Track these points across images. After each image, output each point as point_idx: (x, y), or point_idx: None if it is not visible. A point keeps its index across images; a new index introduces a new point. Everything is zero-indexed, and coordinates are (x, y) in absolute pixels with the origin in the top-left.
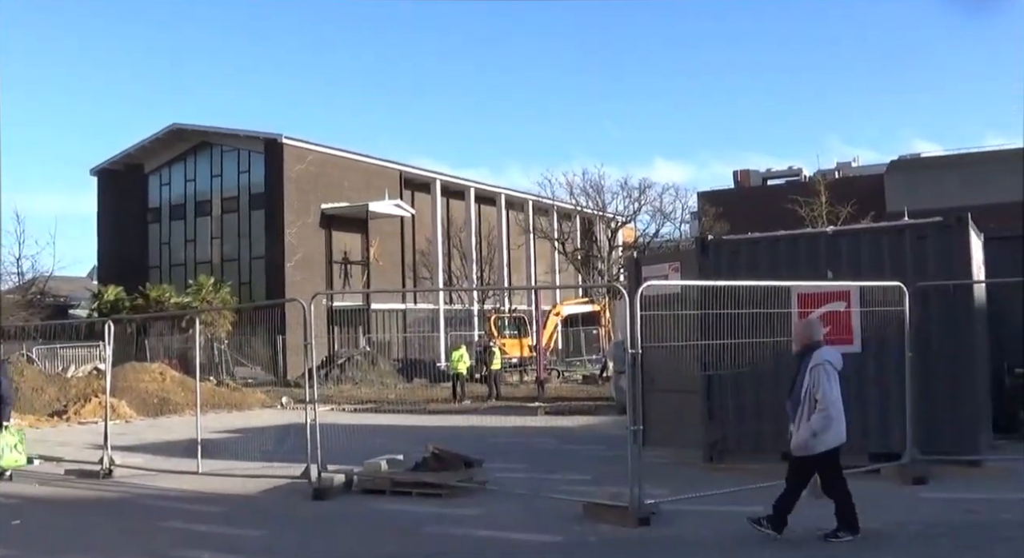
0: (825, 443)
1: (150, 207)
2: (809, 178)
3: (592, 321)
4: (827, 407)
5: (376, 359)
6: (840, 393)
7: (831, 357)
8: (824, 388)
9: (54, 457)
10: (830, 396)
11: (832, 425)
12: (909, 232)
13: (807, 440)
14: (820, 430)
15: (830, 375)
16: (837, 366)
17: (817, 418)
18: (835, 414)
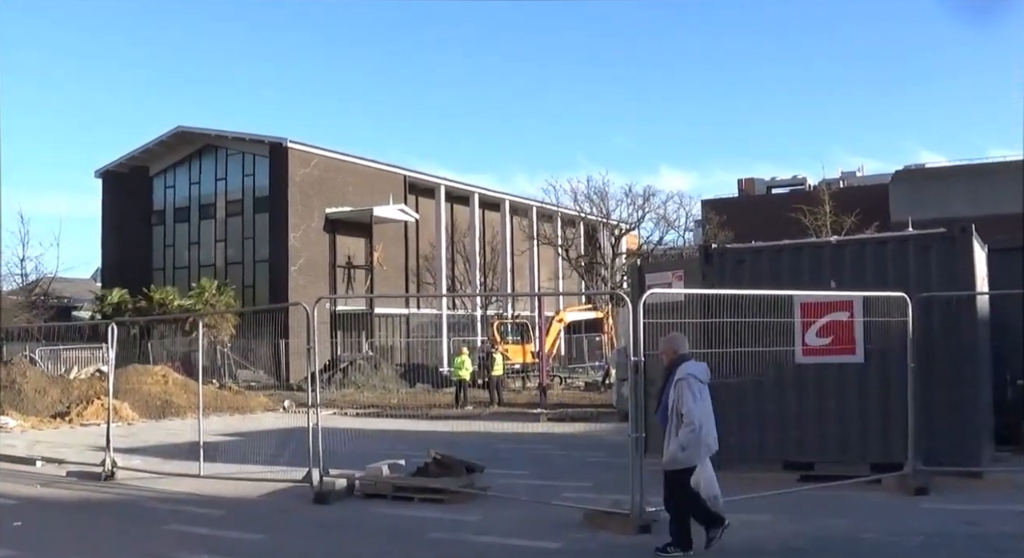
0: (695, 457)
1: (154, 210)
2: (813, 187)
3: (595, 328)
4: (692, 422)
5: (379, 364)
6: (710, 406)
7: (694, 371)
8: (688, 403)
9: (56, 459)
10: (694, 411)
11: (695, 438)
12: (913, 243)
13: (676, 454)
14: (688, 444)
15: (693, 389)
16: (702, 378)
17: (683, 433)
18: (696, 427)
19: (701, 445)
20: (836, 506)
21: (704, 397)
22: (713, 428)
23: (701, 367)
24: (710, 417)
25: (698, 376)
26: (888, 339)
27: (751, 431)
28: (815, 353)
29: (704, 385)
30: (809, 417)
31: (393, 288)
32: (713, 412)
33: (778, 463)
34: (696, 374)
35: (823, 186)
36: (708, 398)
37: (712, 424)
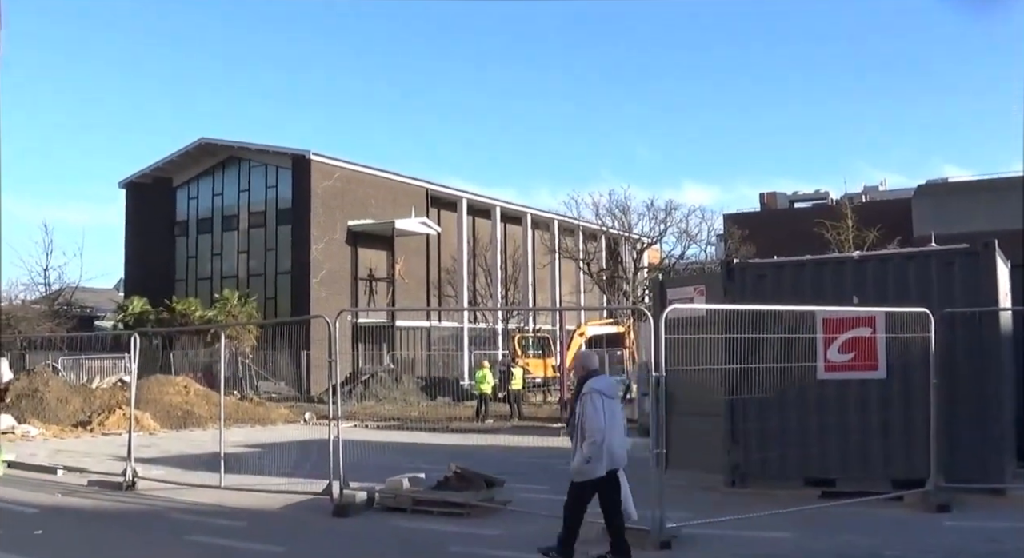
0: (598, 470)
1: (177, 220)
2: (836, 202)
3: (616, 342)
4: (593, 435)
5: (400, 376)
6: (618, 419)
7: (599, 385)
8: (590, 416)
9: (77, 468)
10: (596, 424)
11: (596, 452)
12: (936, 258)
13: (581, 466)
14: (591, 457)
15: (596, 403)
16: (608, 393)
17: (586, 446)
18: (597, 440)
19: (604, 457)
20: (858, 523)
21: (610, 411)
22: (620, 441)
23: (607, 382)
24: (616, 430)
25: (602, 391)
26: (910, 355)
27: (773, 447)
28: (837, 369)
29: (611, 399)
30: (831, 433)
31: (414, 301)
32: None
33: (799, 479)
34: (600, 389)
35: (845, 200)
36: (616, 412)
37: (618, 437)
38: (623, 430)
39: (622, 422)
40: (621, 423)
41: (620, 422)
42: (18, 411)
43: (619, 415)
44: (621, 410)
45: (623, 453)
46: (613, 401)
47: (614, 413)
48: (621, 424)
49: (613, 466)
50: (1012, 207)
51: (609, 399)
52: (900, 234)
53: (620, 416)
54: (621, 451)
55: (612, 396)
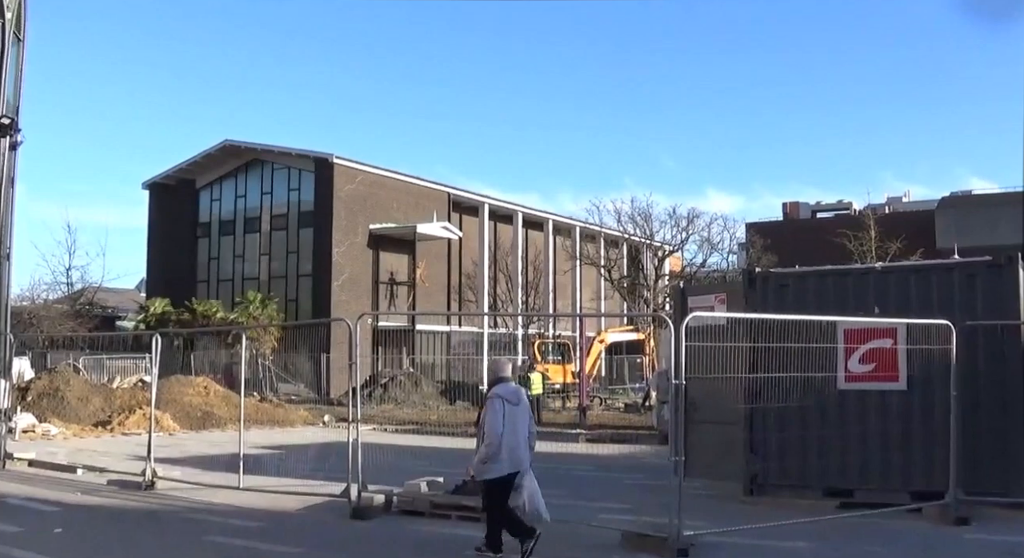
0: (495, 470)
1: (200, 222)
2: (859, 212)
3: (636, 349)
4: (490, 438)
5: (419, 380)
6: (520, 424)
7: (502, 391)
8: (489, 421)
9: (97, 467)
10: (494, 428)
11: (493, 454)
12: (958, 270)
13: (478, 467)
14: (486, 459)
15: (495, 408)
16: (511, 399)
17: (482, 449)
18: (494, 444)
19: (501, 460)
20: (877, 534)
21: (512, 416)
22: (520, 445)
23: (511, 389)
24: (518, 434)
25: (505, 397)
26: (932, 367)
27: (791, 457)
28: (858, 380)
29: (513, 405)
30: (850, 444)
31: (435, 305)
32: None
33: (819, 490)
34: (503, 395)
35: (868, 211)
36: (518, 417)
37: (519, 441)
38: (526, 435)
39: (525, 427)
40: (524, 428)
41: (523, 427)
42: (39, 410)
43: (523, 421)
44: (528, 416)
45: (525, 456)
46: (517, 407)
47: (516, 418)
48: (524, 429)
49: (514, 468)
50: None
51: (512, 405)
52: (923, 245)
53: (524, 421)
54: (522, 454)
55: (515, 403)
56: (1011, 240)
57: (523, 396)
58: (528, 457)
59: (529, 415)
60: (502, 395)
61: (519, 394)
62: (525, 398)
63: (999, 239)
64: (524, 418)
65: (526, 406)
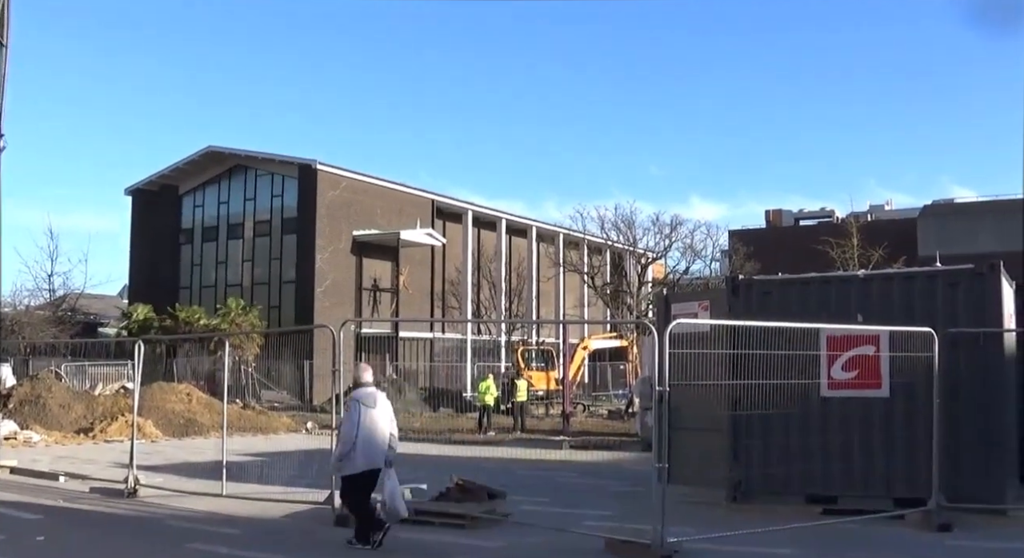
0: (350, 468)
1: (183, 228)
2: (841, 220)
3: (619, 356)
4: (343, 438)
5: (402, 387)
6: (377, 425)
7: (359, 395)
8: (345, 423)
9: (79, 474)
10: (349, 430)
11: (347, 453)
12: (940, 278)
13: (335, 464)
14: (339, 457)
15: (351, 410)
16: (367, 403)
17: (338, 448)
18: (348, 443)
19: (356, 457)
20: (859, 541)
21: (368, 418)
22: (376, 444)
23: (368, 392)
24: (374, 434)
25: (362, 400)
26: (914, 374)
27: (775, 463)
28: (841, 387)
29: (370, 408)
30: (833, 451)
31: (418, 312)
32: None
33: (801, 496)
34: (360, 398)
35: (851, 219)
36: (377, 419)
37: (375, 441)
38: (385, 436)
39: (383, 428)
40: (381, 429)
41: (380, 428)
42: (21, 417)
43: (380, 422)
44: (388, 418)
45: (381, 455)
46: (373, 410)
47: (374, 420)
48: (381, 430)
49: (369, 467)
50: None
51: (368, 408)
52: (905, 253)
53: (382, 423)
54: (378, 453)
55: (372, 406)
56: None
57: (380, 400)
58: (386, 456)
59: (390, 418)
60: (359, 399)
61: (375, 397)
62: (383, 401)
63: (981, 247)
64: (382, 420)
65: (384, 409)
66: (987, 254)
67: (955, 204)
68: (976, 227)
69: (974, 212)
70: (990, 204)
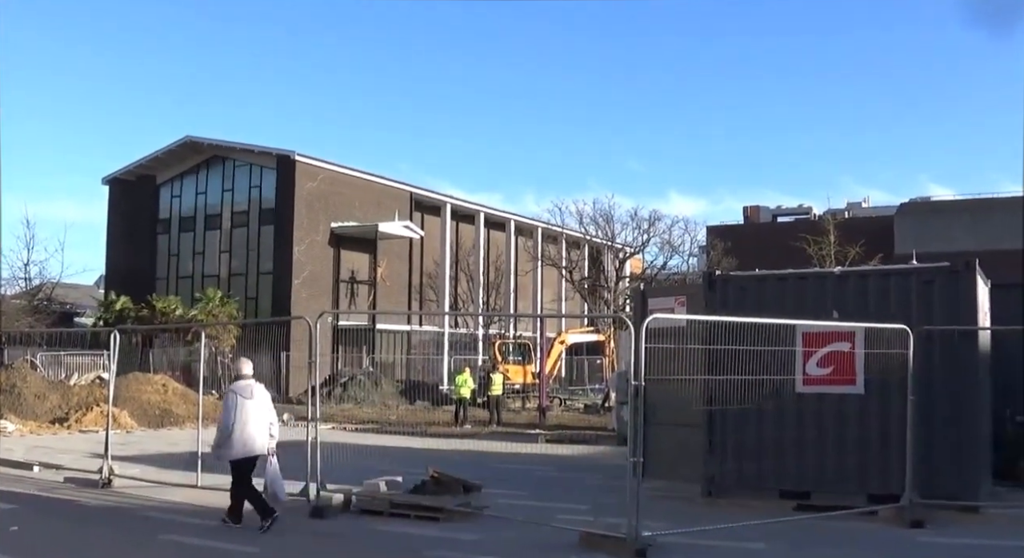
0: (228, 455)
1: (160, 218)
2: (819, 217)
3: (596, 350)
4: (220, 427)
5: (379, 380)
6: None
7: (236, 387)
8: (222, 413)
9: (54, 464)
10: (225, 420)
11: (224, 440)
12: (916, 276)
13: (214, 451)
14: (217, 444)
15: (228, 401)
16: (243, 394)
17: (216, 436)
18: (225, 432)
19: (233, 445)
20: (832, 536)
21: (244, 408)
22: (252, 433)
23: (245, 385)
24: (250, 424)
25: (239, 392)
26: (889, 371)
27: (749, 459)
28: (816, 383)
29: (247, 399)
30: (808, 446)
31: (396, 304)
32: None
33: (775, 491)
34: (237, 390)
35: (828, 216)
36: (253, 410)
37: (252, 429)
38: (261, 425)
39: (260, 418)
40: (257, 419)
41: (256, 418)
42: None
43: (256, 412)
44: (266, 407)
45: (258, 443)
46: (250, 401)
47: (250, 410)
48: (257, 419)
49: (247, 454)
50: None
51: (245, 399)
52: (882, 251)
53: (258, 413)
54: (255, 441)
55: (248, 397)
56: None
57: (258, 391)
58: (267, 444)
59: (268, 407)
60: (236, 390)
61: (252, 389)
62: (261, 392)
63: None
64: (258, 410)
65: (261, 399)
66: (963, 252)
67: (932, 202)
68: (952, 226)
69: (951, 211)
70: (966, 203)
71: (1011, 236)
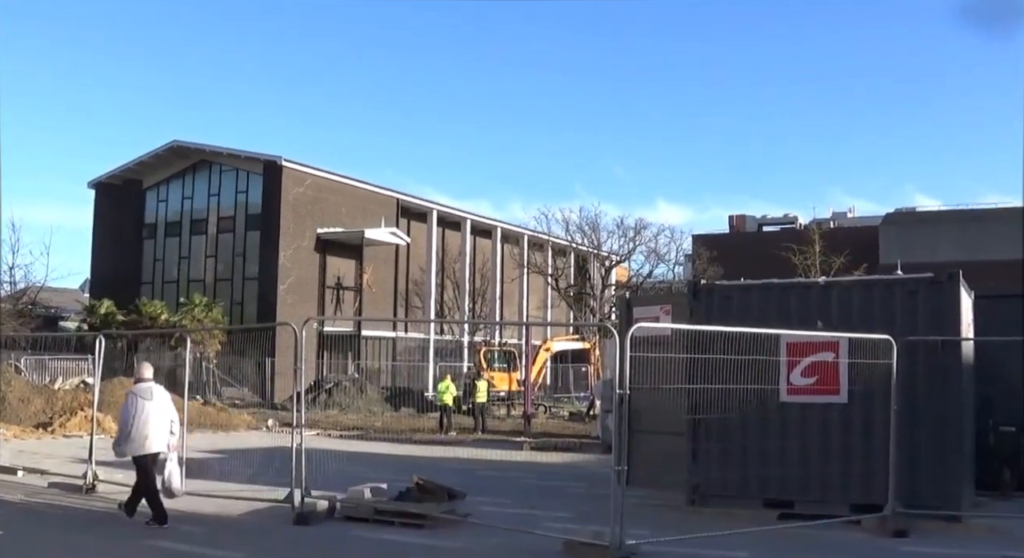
0: (128, 452)
1: (146, 223)
2: (804, 226)
3: (581, 358)
4: (120, 427)
5: (364, 386)
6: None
7: (136, 389)
8: (122, 413)
9: (38, 469)
10: (125, 419)
11: (123, 438)
12: (900, 286)
13: (115, 449)
14: (116, 442)
15: (127, 402)
16: (144, 396)
17: (117, 435)
18: (124, 430)
19: (132, 442)
20: (815, 545)
21: (143, 410)
22: (148, 432)
23: (145, 387)
24: (147, 424)
25: (139, 394)
26: (872, 381)
27: (733, 467)
28: (800, 392)
29: (146, 400)
30: (791, 456)
31: (381, 311)
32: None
33: (759, 500)
34: (137, 392)
35: (814, 226)
36: (152, 411)
37: (148, 429)
38: (160, 424)
39: (159, 418)
40: (156, 419)
41: (155, 418)
42: None
43: (155, 413)
44: (166, 407)
45: (155, 442)
46: (149, 402)
47: (149, 412)
48: (155, 420)
49: (146, 451)
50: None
51: (145, 400)
52: (867, 261)
53: (157, 413)
54: (152, 440)
55: (148, 398)
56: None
57: (157, 393)
58: (167, 441)
59: (168, 407)
60: (136, 392)
61: (152, 391)
62: (160, 394)
63: (941, 256)
64: (158, 410)
65: (161, 400)
66: (948, 263)
67: (917, 213)
68: (937, 236)
69: (936, 221)
70: (951, 213)
71: (995, 246)
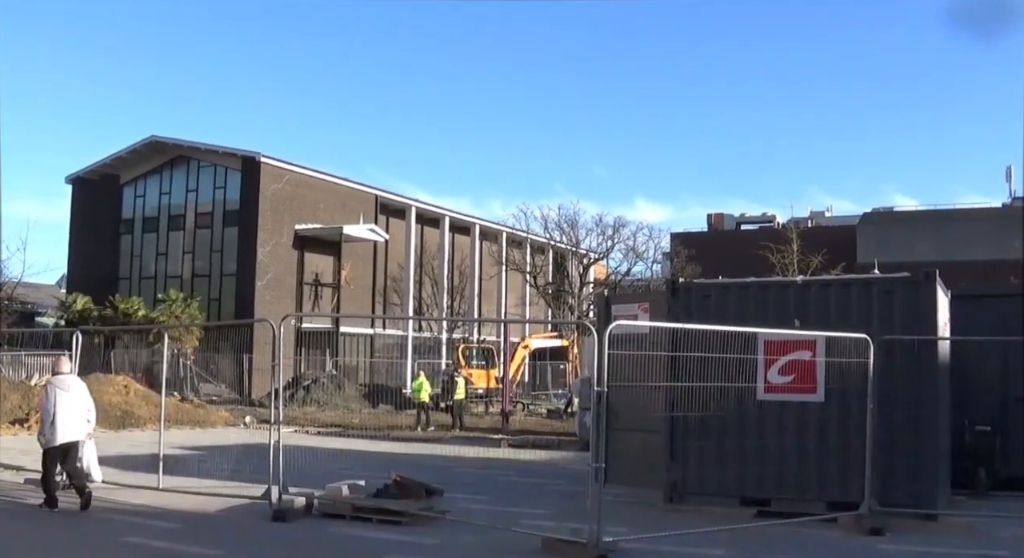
0: (50, 441)
1: (123, 218)
2: (782, 225)
3: (560, 356)
4: (41, 417)
5: (342, 383)
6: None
7: (55, 381)
8: (43, 405)
9: (14, 465)
10: (46, 410)
11: (47, 428)
12: (877, 286)
13: (39, 438)
14: (40, 432)
15: (47, 394)
16: (62, 387)
17: (40, 425)
18: (47, 420)
19: (56, 431)
20: (791, 543)
21: (62, 400)
22: (69, 421)
23: (63, 379)
24: (66, 414)
25: (57, 385)
26: (849, 380)
27: (711, 465)
28: (777, 391)
29: (64, 391)
30: (768, 454)
31: (360, 307)
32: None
33: (735, 498)
34: (55, 383)
35: (791, 225)
36: (69, 402)
37: (63, 419)
38: (78, 413)
39: (76, 409)
40: (74, 409)
41: (73, 409)
42: None
43: (73, 404)
44: (83, 397)
45: (74, 430)
46: (67, 393)
47: (67, 402)
48: (73, 410)
49: (65, 440)
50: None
51: (63, 391)
52: (844, 260)
53: (75, 405)
54: (70, 429)
55: (65, 390)
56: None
57: (74, 384)
58: (85, 430)
59: (84, 397)
60: (55, 384)
61: (69, 383)
62: (76, 385)
63: (918, 255)
64: (75, 401)
65: (78, 391)
66: (924, 263)
67: (894, 213)
68: (915, 236)
69: (913, 221)
70: (929, 213)
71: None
